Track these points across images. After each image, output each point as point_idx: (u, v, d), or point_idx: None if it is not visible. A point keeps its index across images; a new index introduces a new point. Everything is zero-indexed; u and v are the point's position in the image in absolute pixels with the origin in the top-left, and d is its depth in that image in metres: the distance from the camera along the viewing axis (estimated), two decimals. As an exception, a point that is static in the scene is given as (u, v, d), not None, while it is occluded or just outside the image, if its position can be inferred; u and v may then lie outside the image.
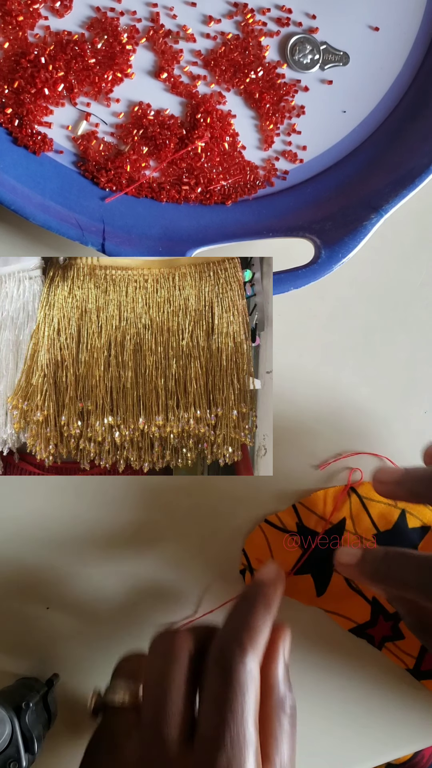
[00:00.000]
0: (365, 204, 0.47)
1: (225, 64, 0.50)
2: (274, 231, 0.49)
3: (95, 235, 0.48)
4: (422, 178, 0.47)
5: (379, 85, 0.50)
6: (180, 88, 0.50)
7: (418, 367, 0.52)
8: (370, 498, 0.50)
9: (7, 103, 0.49)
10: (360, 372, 0.52)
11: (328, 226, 0.48)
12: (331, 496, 0.50)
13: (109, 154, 0.50)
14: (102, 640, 0.48)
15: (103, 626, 0.50)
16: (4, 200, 0.47)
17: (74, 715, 0.50)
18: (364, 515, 0.50)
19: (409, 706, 0.52)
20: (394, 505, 0.49)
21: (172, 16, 0.49)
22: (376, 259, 0.52)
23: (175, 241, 0.49)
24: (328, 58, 0.50)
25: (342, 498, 0.50)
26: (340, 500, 0.50)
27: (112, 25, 0.49)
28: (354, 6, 0.50)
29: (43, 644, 0.51)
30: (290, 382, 0.51)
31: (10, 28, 0.48)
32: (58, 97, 0.49)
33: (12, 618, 0.51)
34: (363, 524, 0.50)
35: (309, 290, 0.47)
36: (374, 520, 0.50)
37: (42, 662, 0.51)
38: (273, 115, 0.50)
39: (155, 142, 0.49)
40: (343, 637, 0.51)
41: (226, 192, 0.50)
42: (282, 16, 0.50)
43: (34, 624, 0.51)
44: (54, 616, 0.51)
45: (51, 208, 0.48)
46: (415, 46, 0.50)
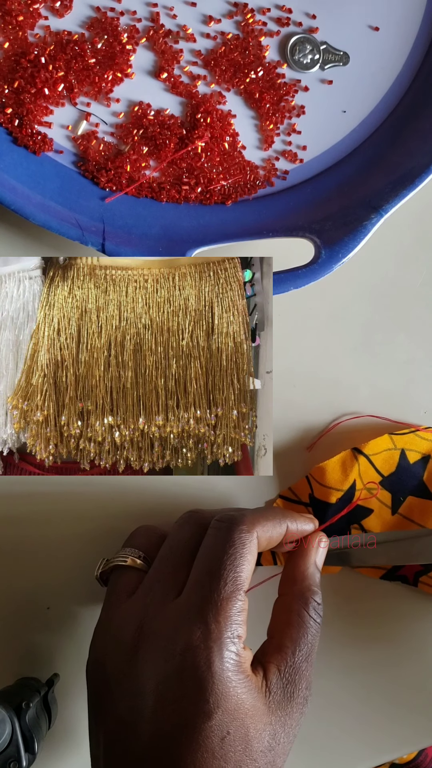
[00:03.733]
0: (365, 204, 0.47)
1: (225, 64, 0.50)
2: (274, 231, 0.49)
3: (95, 235, 0.48)
4: (422, 178, 0.47)
5: (380, 85, 0.50)
6: (180, 88, 0.50)
7: (418, 367, 0.52)
8: (373, 453, 0.50)
9: (7, 103, 0.49)
10: (360, 372, 0.52)
11: (328, 226, 0.48)
12: (338, 463, 0.50)
13: (109, 154, 0.50)
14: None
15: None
16: (4, 200, 0.47)
17: (74, 715, 0.50)
18: (369, 469, 0.50)
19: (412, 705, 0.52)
20: (394, 447, 0.50)
21: (172, 16, 0.49)
22: (376, 259, 0.52)
23: (175, 241, 0.49)
24: (328, 58, 0.50)
25: (350, 463, 0.50)
26: (349, 466, 0.50)
27: (112, 25, 0.49)
28: (354, 6, 0.50)
29: (43, 644, 0.51)
30: (290, 382, 0.51)
31: (10, 28, 0.48)
32: (58, 97, 0.49)
33: (12, 618, 0.51)
34: (369, 476, 0.50)
35: (309, 290, 0.47)
36: (378, 469, 0.50)
37: (42, 662, 0.51)
38: (273, 115, 0.50)
39: (155, 142, 0.49)
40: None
41: (226, 192, 0.50)
42: (282, 16, 0.50)
43: (34, 624, 0.51)
44: (54, 616, 0.51)
45: (51, 208, 0.48)
46: (415, 46, 0.50)
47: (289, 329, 0.52)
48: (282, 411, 0.51)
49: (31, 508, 0.51)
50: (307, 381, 0.51)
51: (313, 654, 0.41)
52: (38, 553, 0.51)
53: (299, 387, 0.51)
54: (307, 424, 0.51)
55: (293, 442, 0.51)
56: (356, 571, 0.51)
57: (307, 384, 0.51)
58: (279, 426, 0.51)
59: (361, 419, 0.52)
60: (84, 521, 0.51)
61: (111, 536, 0.51)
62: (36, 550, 0.51)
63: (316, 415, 0.51)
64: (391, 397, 0.52)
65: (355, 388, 0.52)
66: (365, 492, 0.50)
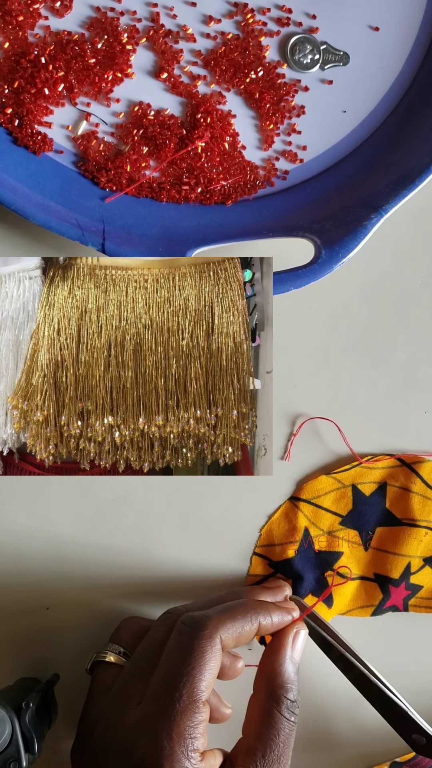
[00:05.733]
0: (365, 204, 0.47)
1: (225, 63, 0.50)
2: (274, 231, 0.49)
3: (95, 235, 0.48)
4: (422, 177, 0.47)
5: (380, 85, 0.50)
6: (180, 88, 0.50)
7: (418, 367, 0.52)
8: (316, 496, 0.50)
9: (7, 102, 0.49)
10: (360, 372, 0.52)
11: (329, 226, 0.48)
12: (281, 517, 0.51)
13: (109, 154, 0.50)
14: (102, 640, 0.48)
15: (103, 626, 0.50)
16: (4, 200, 0.47)
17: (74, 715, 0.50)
18: (320, 512, 0.50)
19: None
20: (342, 486, 0.50)
21: (172, 16, 0.49)
22: (376, 259, 0.52)
23: (175, 241, 0.49)
24: (328, 58, 0.50)
25: (291, 515, 0.50)
26: (292, 515, 0.50)
27: (112, 25, 0.49)
28: (354, 6, 0.50)
29: (43, 644, 0.51)
30: (290, 382, 0.51)
31: (10, 28, 0.48)
32: (58, 97, 0.49)
33: (12, 618, 0.51)
34: (324, 520, 0.50)
35: (309, 290, 0.47)
36: (333, 510, 0.50)
37: (42, 662, 0.51)
38: (273, 115, 0.50)
39: (155, 141, 0.49)
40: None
41: (226, 192, 0.50)
42: (282, 16, 0.50)
43: (34, 624, 0.51)
44: (54, 616, 0.51)
45: (51, 208, 0.48)
46: (416, 46, 0.50)
47: (289, 329, 0.52)
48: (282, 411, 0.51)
49: (31, 508, 0.51)
50: (307, 381, 0.51)
51: (287, 754, 0.39)
52: (38, 552, 0.51)
53: (299, 387, 0.51)
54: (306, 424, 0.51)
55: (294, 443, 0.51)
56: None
57: (307, 384, 0.51)
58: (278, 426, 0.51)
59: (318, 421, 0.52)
60: (84, 521, 0.51)
61: (111, 536, 0.51)
62: (36, 550, 0.51)
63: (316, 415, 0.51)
64: (391, 398, 0.52)
65: (355, 388, 0.52)
66: (337, 578, 0.50)
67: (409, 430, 0.52)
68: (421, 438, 0.52)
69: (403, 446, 0.51)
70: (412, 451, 0.51)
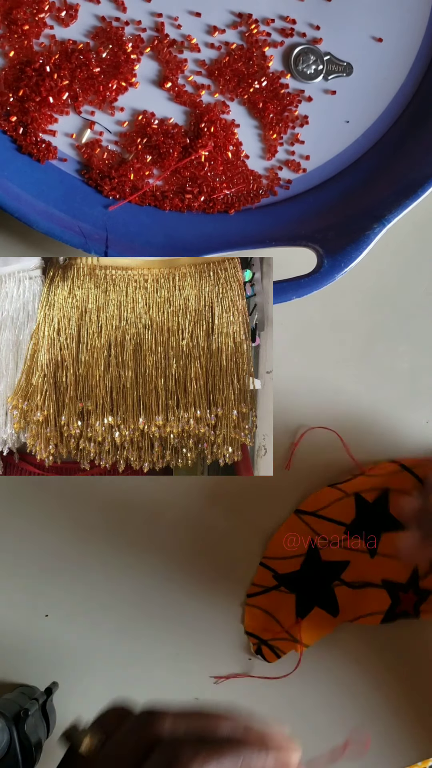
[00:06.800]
0: (368, 214, 0.48)
1: (229, 73, 0.50)
2: (277, 240, 0.49)
3: (98, 243, 0.48)
4: (425, 188, 0.47)
5: (383, 95, 0.51)
6: (184, 98, 0.50)
7: (421, 376, 0.52)
8: (320, 507, 0.51)
9: (11, 111, 0.49)
10: (362, 381, 0.52)
11: (331, 236, 0.48)
12: (288, 530, 0.51)
13: (113, 163, 0.50)
14: (101, 648, 0.48)
15: (103, 634, 0.50)
16: (8, 207, 0.47)
17: (73, 724, 0.50)
18: (325, 523, 0.50)
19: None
20: (345, 495, 0.50)
21: (176, 26, 0.50)
22: (378, 268, 0.52)
23: (178, 249, 0.49)
24: (331, 69, 0.50)
25: (297, 528, 0.51)
26: (299, 529, 0.50)
27: (117, 35, 0.49)
28: (358, 17, 0.50)
29: (42, 653, 0.51)
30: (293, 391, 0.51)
31: (15, 37, 0.49)
32: (63, 106, 0.50)
33: (11, 626, 0.50)
34: (329, 531, 0.50)
35: (311, 299, 0.48)
36: (337, 520, 0.50)
37: (41, 671, 0.51)
38: (276, 125, 0.50)
39: (159, 150, 0.50)
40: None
41: (229, 201, 0.50)
42: (286, 27, 0.50)
43: (33, 632, 0.51)
44: (53, 625, 0.51)
45: (54, 216, 0.48)
46: (419, 57, 0.50)
47: (292, 338, 0.52)
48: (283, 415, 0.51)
49: (31, 508, 0.50)
50: (310, 390, 0.51)
51: None
52: (38, 556, 0.50)
53: (301, 396, 0.51)
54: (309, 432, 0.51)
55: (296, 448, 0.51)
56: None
57: (309, 393, 0.51)
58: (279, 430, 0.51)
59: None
60: (84, 522, 0.51)
61: (111, 537, 0.51)
62: (35, 554, 0.51)
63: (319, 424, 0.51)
64: (393, 407, 0.52)
65: (357, 397, 0.52)
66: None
67: (411, 439, 0.52)
68: (423, 448, 0.51)
69: (404, 456, 0.51)
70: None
